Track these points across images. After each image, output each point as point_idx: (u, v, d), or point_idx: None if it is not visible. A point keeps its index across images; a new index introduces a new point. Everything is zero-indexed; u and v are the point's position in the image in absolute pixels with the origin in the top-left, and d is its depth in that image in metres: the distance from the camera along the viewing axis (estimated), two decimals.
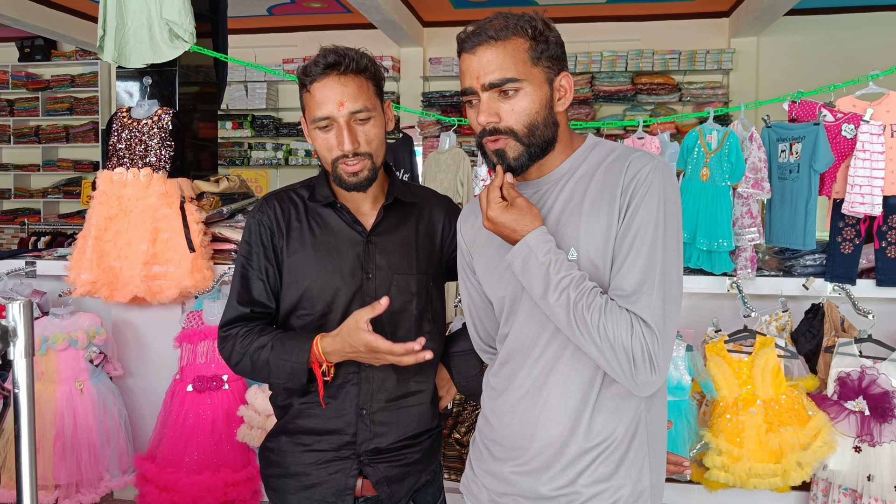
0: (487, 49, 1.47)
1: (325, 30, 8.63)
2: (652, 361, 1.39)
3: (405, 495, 1.87)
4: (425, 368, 1.88)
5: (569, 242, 1.49)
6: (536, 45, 1.49)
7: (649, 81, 7.90)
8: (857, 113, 3.35)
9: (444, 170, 4.61)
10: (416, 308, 1.85)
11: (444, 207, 1.98)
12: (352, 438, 1.82)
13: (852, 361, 3.11)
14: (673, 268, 1.45)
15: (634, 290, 1.42)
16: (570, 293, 1.42)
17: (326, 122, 1.73)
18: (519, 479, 1.57)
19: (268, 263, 1.84)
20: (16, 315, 1.14)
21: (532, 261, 1.45)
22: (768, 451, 3.04)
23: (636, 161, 1.48)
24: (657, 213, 1.44)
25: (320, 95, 1.73)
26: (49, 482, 3.44)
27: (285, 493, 1.86)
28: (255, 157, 8.92)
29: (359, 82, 1.75)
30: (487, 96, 1.49)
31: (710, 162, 3.48)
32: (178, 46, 3.84)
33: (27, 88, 9.29)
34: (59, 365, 3.53)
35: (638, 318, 1.40)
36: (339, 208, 1.85)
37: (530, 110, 1.49)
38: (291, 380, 1.75)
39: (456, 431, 3.43)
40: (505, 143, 1.50)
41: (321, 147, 1.77)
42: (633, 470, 1.52)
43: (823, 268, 3.46)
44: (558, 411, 1.52)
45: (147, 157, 3.73)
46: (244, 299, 1.84)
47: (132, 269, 3.57)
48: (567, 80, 1.54)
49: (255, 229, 1.86)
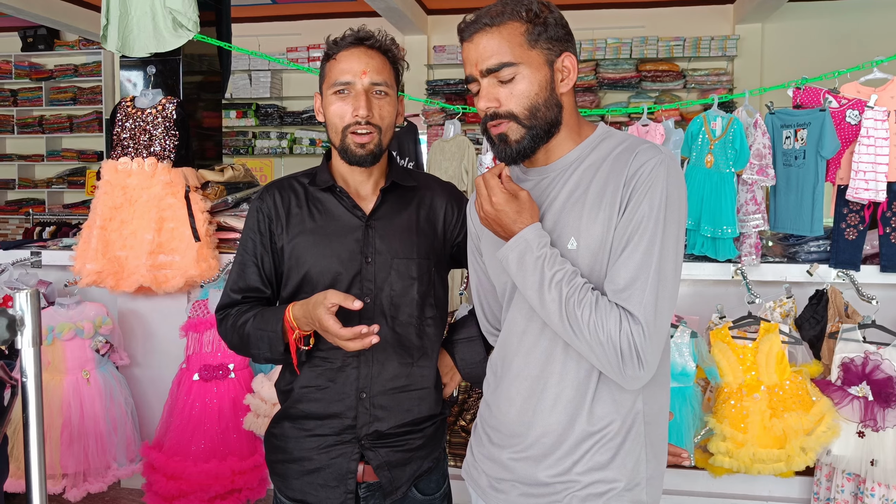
0: (483, 36, 1.49)
1: (329, 18, 8.60)
2: (640, 356, 1.40)
3: (406, 481, 1.88)
4: (428, 352, 1.89)
5: (569, 232, 1.49)
6: (533, 28, 1.49)
7: (654, 68, 7.86)
8: (861, 99, 3.34)
9: (448, 158, 4.61)
10: (417, 293, 1.86)
11: (447, 194, 1.98)
12: (352, 422, 1.83)
13: (856, 347, 3.12)
14: (669, 264, 1.44)
15: (627, 285, 1.42)
16: (562, 288, 1.42)
17: (346, 87, 1.77)
18: (517, 465, 1.59)
19: (263, 251, 1.87)
20: (23, 304, 1.14)
21: (528, 255, 1.46)
22: (772, 437, 3.05)
23: (642, 153, 1.47)
24: (658, 208, 1.43)
25: (345, 63, 1.78)
26: (57, 471, 3.47)
27: (289, 477, 1.88)
28: (260, 146, 8.91)
29: (383, 60, 1.82)
30: (486, 82, 1.50)
31: (715, 149, 3.47)
32: (182, 35, 3.83)
33: (30, 78, 9.28)
34: (65, 355, 3.54)
35: (627, 313, 1.41)
36: (338, 193, 1.86)
37: (529, 92, 1.49)
38: (271, 350, 1.77)
39: (462, 419, 3.44)
40: (507, 126, 1.51)
41: (334, 114, 1.79)
42: (629, 461, 1.53)
43: (827, 254, 3.46)
44: (556, 400, 1.53)
45: (151, 147, 3.73)
46: (238, 286, 1.89)
47: (138, 259, 3.58)
48: (570, 61, 1.53)
49: (254, 217, 1.89)
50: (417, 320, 1.87)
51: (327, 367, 1.83)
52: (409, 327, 1.86)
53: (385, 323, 1.83)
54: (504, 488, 1.62)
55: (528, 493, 1.58)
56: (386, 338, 1.82)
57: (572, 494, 1.53)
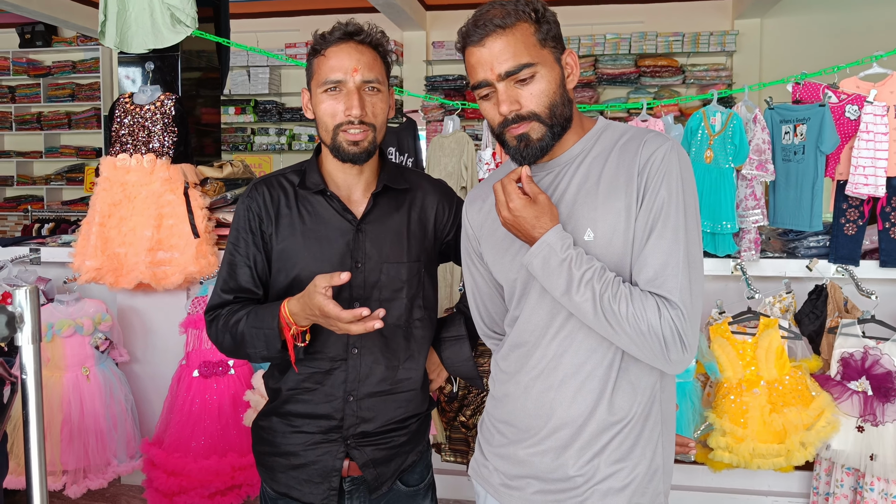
0: (497, 39, 1.46)
1: (327, 13, 8.57)
2: (683, 340, 1.41)
3: (391, 476, 1.89)
4: (415, 354, 1.89)
5: (585, 224, 1.49)
6: (541, 27, 1.49)
7: (653, 64, 7.85)
8: (860, 94, 3.34)
9: (447, 154, 4.60)
10: (406, 296, 1.85)
11: (438, 192, 1.97)
12: (339, 423, 1.83)
13: (855, 342, 3.12)
14: (695, 247, 1.46)
15: (659, 272, 1.43)
16: (594, 286, 1.42)
17: (337, 85, 1.73)
18: (535, 459, 1.58)
19: (256, 250, 1.83)
20: (22, 301, 1.14)
21: (553, 259, 1.45)
22: (772, 432, 3.05)
23: (651, 142, 1.49)
24: (677, 192, 1.45)
25: (335, 59, 1.73)
26: (57, 468, 3.47)
27: (275, 470, 1.88)
28: (259, 143, 8.90)
29: (374, 55, 1.77)
30: (504, 86, 1.48)
31: (714, 144, 3.47)
32: (180, 31, 3.82)
33: (28, 75, 9.26)
34: (65, 351, 3.54)
35: (665, 300, 1.41)
36: (329, 196, 1.83)
37: (549, 91, 1.49)
38: (268, 348, 1.73)
39: (461, 414, 3.44)
40: (528, 126, 1.50)
41: (325, 113, 1.76)
42: (648, 449, 1.54)
43: (827, 249, 3.46)
44: (575, 391, 1.53)
45: (150, 143, 3.73)
46: (229, 286, 1.84)
47: (137, 256, 3.58)
48: (572, 57, 1.55)
49: (244, 215, 1.84)
50: (406, 323, 1.86)
51: (315, 369, 1.82)
52: (397, 330, 1.85)
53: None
54: (519, 485, 1.62)
55: (544, 489, 1.58)
56: (374, 341, 1.82)
57: (592, 489, 1.53)
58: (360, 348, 1.82)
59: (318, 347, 1.80)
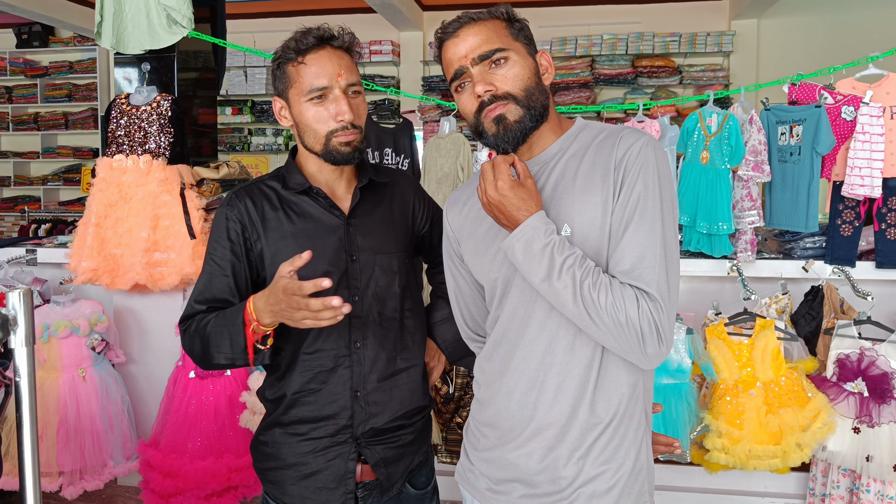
0: (470, 29, 1.54)
1: (324, 14, 8.56)
2: (659, 333, 1.40)
3: (401, 476, 1.89)
4: (409, 344, 1.90)
5: (562, 219, 1.50)
6: (512, 25, 1.57)
7: (650, 64, 7.85)
8: (856, 95, 3.35)
9: (444, 154, 4.60)
10: (398, 286, 1.87)
11: (413, 187, 2.02)
12: (347, 422, 1.82)
13: (851, 343, 3.12)
14: (672, 240, 1.47)
15: (636, 264, 1.43)
16: (575, 272, 1.41)
17: (322, 92, 1.72)
18: (521, 462, 1.57)
19: (235, 259, 1.80)
20: (16, 304, 1.14)
21: (536, 243, 1.44)
22: (768, 433, 3.05)
23: (627, 137, 1.51)
24: (653, 186, 1.46)
25: (317, 66, 1.72)
26: (53, 469, 3.47)
27: (284, 483, 1.85)
28: (256, 143, 8.88)
29: (350, 58, 1.78)
30: (479, 69, 1.53)
31: (710, 145, 3.47)
32: (177, 32, 3.82)
33: (25, 75, 9.24)
34: (61, 352, 3.54)
35: (643, 292, 1.41)
36: (314, 194, 1.83)
37: (523, 76, 1.53)
38: (232, 347, 1.69)
39: (458, 416, 3.44)
40: (504, 107, 1.52)
41: (313, 120, 1.75)
42: (633, 448, 1.54)
43: (823, 250, 3.47)
44: (557, 391, 1.52)
45: (146, 144, 3.72)
46: (203, 297, 1.81)
47: (133, 257, 3.57)
48: (546, 58, 1.61)
49: (223, 225, 1.81)
50: (399, 313, 1.88)
51: (318, 369, 1.81)
52: (393, 321, 1.86)
53: (373, 318, 1.83)
54: (505, 489, 1.61)
55: (529, 493, 1.57)
56: (374, 333, 1.83)
57: (577, 492, 1.52)
58: (363, 342, 1.82)
59: (321, 345, 1.79)
